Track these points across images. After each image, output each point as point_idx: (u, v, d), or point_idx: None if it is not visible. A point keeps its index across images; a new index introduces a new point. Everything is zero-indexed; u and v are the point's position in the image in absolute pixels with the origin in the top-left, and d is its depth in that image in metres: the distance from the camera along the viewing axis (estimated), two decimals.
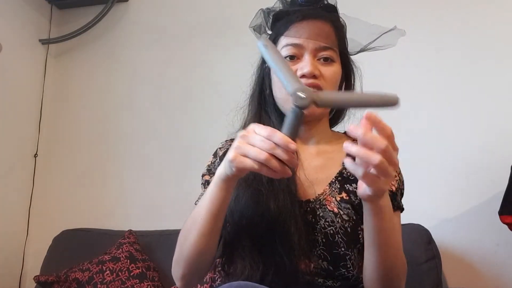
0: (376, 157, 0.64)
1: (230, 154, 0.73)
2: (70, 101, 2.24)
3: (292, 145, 0.68)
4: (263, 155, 0.69)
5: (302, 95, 0.70)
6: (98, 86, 2.21)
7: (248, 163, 0.71)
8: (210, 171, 1.05)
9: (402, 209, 0.97)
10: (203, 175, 1.05)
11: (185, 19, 2.16)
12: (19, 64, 2.13)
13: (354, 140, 1.03)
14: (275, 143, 0.69)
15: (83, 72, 2.25)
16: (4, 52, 1.89)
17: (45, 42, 2.24)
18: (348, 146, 0.65)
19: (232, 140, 1.06)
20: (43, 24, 2.27)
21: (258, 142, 0.70)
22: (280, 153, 0.68)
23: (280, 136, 0.69)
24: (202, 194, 1.02)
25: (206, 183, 1.03)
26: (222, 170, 0.79)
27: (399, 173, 0.98)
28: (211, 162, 1.06)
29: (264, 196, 0.88)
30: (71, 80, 2.27)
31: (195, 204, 1.03)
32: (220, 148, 1.07)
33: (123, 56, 2.21)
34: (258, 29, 1.05)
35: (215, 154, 1.07)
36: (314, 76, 0.92)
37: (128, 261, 1.61)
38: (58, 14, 2.33)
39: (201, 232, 0.84)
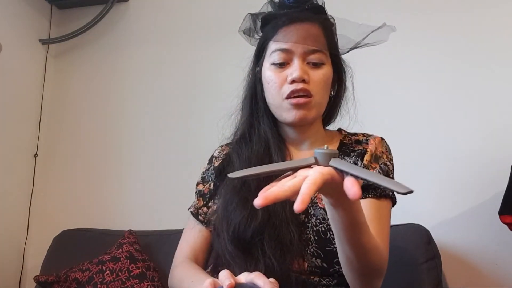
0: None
1: None
2: (70, 101, 2.24)
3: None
4: None
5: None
6: (98, 86, 2.21)
7: None
8: (204, 179, 1.05)
9: (392, 199, 0.96)
10: (197, 184, 1.05)
11: (186, 19, 2.16)
12: (19, 64, 2.13)
13: (347, 135, 1.04)
14: None
15: (83, 72, 2.25)
16: (4, 52, 1.89)
17: (45, 42, 2.24)
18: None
19: (227, 145, 1.06)
20: (43, 24, 2.27)
21: None
22: None
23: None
24: (194, 202, 1.04)
25: (199, 193, 1.04)
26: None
27: (385, 163, 0.97)
28: (206, 169, 1.06)
29: (250, 202, 0.88)
30: (71, 80, 2.26)
31: (188, 210, 1.04)
32: (215, 157, 1.07)
33: (123, 56, 2.21)
34: (248, 33, 1.06)
35: (210, 161, 1.08)
36: (303, 81, 0.93)
37: (128, 261, 1.61)
38: (58, 14, 2.33)
39: None
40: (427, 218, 1.55)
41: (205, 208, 1.02)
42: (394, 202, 0.97)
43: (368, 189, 0.92)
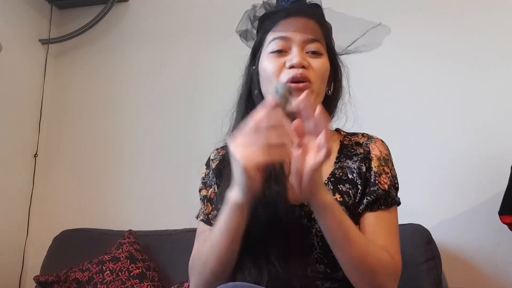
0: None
1: (239, 159, 0.73)
2: (70, 101, 2.24)
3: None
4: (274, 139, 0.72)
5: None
6: (98, 86, 2.21)
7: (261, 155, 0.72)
8: (206, 184, 1.03)
9: (398, 203, 0.97)
10: (200, 190, 1.04)
11: (185, 19, 2.16)
12: (19, 64, 2.13)
13: (346, 136, 1.04)
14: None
15: (83, 72, 2.25)
16: (4, 52, 1.89)
17: (45, 42, 2.24)
18: None
19: (222, 148, 1.06)
20: (43, 24, 2.27)
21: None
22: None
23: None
24: (202, 209, 1.02)
25: (204, 199, 1.02)
26: (235, 196, 0.78)
27: (391, 169, 0.98)
28: (205, 174, 1.05)
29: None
30: (71, 80, 2.27)
31: (196, 219, 1.02)
32: (212, 159, 1.06)
33: (123, 56, 2.21)
34: (244, 35, 1.06)
35: (207, 165, 1.06)
36: (303, 67, 0.92)
37: (128, 261, 1.61)
38: (58, 14, 2.33)
39: (220, 258, 0.84)
40: (427, 218, 1.55)
41: (215, 212, 0.99)
42: (399, 204, 0.97)
43: (379, 200, 0.91)
